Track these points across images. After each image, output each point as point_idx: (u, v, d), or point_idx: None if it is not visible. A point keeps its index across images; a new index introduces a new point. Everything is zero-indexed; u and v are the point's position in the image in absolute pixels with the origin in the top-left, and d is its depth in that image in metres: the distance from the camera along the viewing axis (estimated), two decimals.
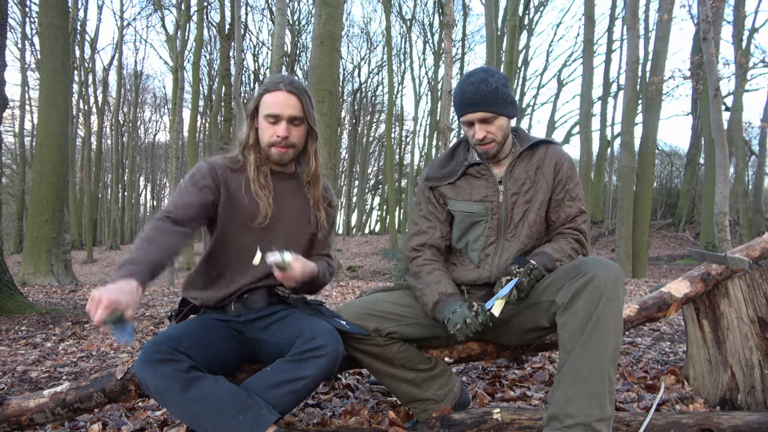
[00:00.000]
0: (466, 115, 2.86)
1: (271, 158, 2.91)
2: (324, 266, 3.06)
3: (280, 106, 2.83)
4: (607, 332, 2.37)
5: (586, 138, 29.58)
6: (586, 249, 3.04)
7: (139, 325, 6.63)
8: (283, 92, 2.84)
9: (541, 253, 2.86)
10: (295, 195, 3.01)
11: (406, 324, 2.91)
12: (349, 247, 39.55)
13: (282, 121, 2.84)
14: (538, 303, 2.71)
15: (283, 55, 19.70)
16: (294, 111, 2.85)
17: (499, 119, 2.85)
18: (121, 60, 40.62)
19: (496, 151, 2.91)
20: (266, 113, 2.85)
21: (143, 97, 56.75)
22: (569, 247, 2.93)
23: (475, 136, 2.87)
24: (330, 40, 13.26)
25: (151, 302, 9.54)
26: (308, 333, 2.55)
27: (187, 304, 2.97)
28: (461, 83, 2.86)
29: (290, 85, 2.86)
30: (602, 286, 2.40)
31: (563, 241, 2.96)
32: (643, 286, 11.62)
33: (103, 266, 33.75)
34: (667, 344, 5.15)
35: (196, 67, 31.52)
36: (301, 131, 2.91)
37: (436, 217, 3.08)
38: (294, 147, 2.91)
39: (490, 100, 2.79)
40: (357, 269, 27.85)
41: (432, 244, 3.07)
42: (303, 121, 2.89)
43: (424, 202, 3.12)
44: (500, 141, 2.89)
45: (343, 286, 12.09)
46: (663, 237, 33.75)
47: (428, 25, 44.94)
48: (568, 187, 2.99)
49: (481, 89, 2.78)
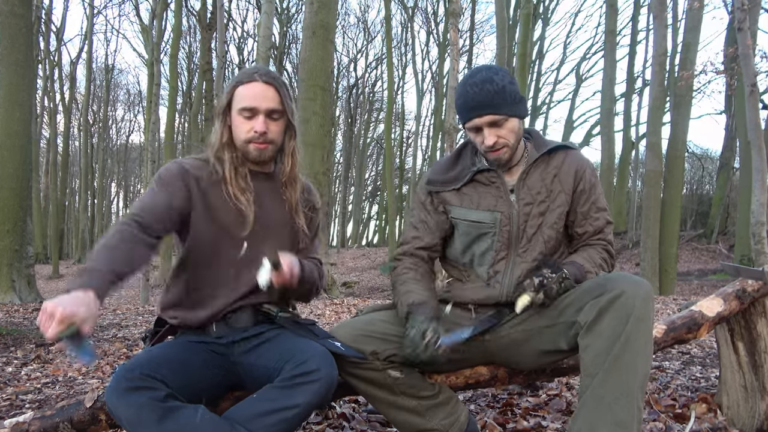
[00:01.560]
0: (473, 120, 2.84)
1: (248, 156, 2.90)
2: (311, 265, 3.05)
3: (257, 98, 2.82)
4: (636, 355, 2.36)
5: (608, 139, 29.62)
6: (614, 260, 3.06)
7: (110, 348, 6.63)
8: (260, 83, 2.84)
9: (571, 263, 2.86)
10: (275, 197, 3.01)
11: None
12: (344, 261, 39.54)
13: (259, 115, 2.83)
14: (556, 324, 2.70)
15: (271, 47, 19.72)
16: (272, 103, 2.84)
17: (510, 121, 2.83)
18: (91, 52, 40.63)
19: (508, 156, 2.90)
20: (241, 107, 2.84)
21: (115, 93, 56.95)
22: (599, 257, 2.94)
23: (485, 143, 2.85)
24: (323, 30, 13.30)
25: (123, 322, 9.53)
26: (299, 356, 2.52)
27: (163, 325, 2.94)
28: (463, 85, 2.85)
29: (266, 76, 2.87)
30: (631, 303, 2.39)
31: (593, 251, 2.97)
32: (672, 304, 11.59)
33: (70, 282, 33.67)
34: (698, 369, 5.15)
35: (173, 60, 31.45)
36: (280, 126, 2.91)
37: (426, 225, 3.09)
38: (273, 143, 2.90)
39: (498, 100, 2.77)
40: (353, 285, 27.82)
41: (412, 253, 3.10)
42: (282, 114, 2.89)
43: (417, 209, 3.13)
44: (513, 145, 2.88)
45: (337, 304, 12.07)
46: (693, 249, 33.72)
47: (432, 13, 45.08)
48: (593, 197, 2.99)
49: (486, 90, 2.77)
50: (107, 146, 55.69)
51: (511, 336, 2.89)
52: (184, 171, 2.84)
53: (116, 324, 9.27)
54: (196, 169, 2.88)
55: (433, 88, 48.52)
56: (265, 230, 2.91)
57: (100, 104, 50.12)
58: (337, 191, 55.34)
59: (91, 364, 2.49)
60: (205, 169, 2.90)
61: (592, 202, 2.98)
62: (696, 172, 54.15)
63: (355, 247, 52.49)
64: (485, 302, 2.96)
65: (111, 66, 49.69)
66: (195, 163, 2.92)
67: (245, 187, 2.88)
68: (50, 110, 41.97)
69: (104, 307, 13.01)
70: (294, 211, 3.02)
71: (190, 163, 2.91)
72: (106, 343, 7.17)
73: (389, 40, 36.32)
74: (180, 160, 2.94)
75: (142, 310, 11.83)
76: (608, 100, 29.04)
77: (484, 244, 2.98)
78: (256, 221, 2.87)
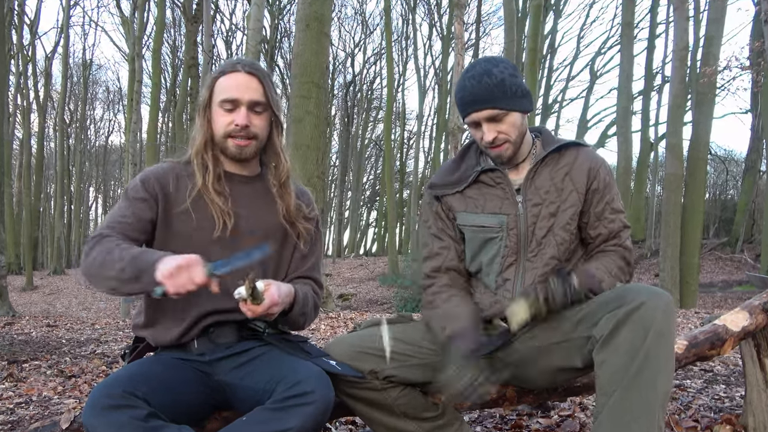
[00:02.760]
0: (471, 115, 2.85)
1: (227, 153, 2.88)
2: (307, 290, 2.98)
3: (239, 89, 2.81)
4: (656, 372, 2.34)
5: (625, 140, 29.67)
6: (633, 268, 3.03)
7: (88, 365, 6.63)
8: (242, 73, 2.83)
9: (583, 270, 2.84)
10: (260, 203, 2.97)
11: (409, 365, 2.88)
12: (341, 272, 39.54)
13: (241, 107, 2.81)
14: (570, 339, 2.69)
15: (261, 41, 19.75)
16: (255, 95, 2.83)
17: (511, 115, 2.83)
18: (67, 47, 40.60)
19: (511, 153, 2.90)
20: (222, 98, 2.82)
21: (93, 91, 57.01)
22: (614, 266, 2.91)
23: (484, 139, 2.86)
24: (317, 22, 13.29)
25: (102, 337, 9.53)
26: (292, 377, 2.50)
27: (143, 340, 2.93)
28: (461, 79, 2.86)
29: (250, 66, 2.86)
30: (650, 316, 2.37)
31: (607, 258, 2.95)
32: (693, 317, 11.60)
33: (45, 294, 33.71)
34: (722, 388, 5.14)
35: (156, 55, 31.52)
36: (264, 120, 2.89)
37: (448, 234, 3.07)
38: (256, 138, 2.87)
39: (497, 93, 2.78)
40: (350, 298, 27.84)
41: (449, 267, 3.06)
42: (266, 107, 2.87)
43: (432, 218, 3.11)
44: (515, 140, 2.88)
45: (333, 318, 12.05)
46: (716, 259, 33.74)
47: (435, 4, 45.19)
48: (608, 197, 2.97)
49: (484, 83, 2.77)
50: (85, 148, 55.75)
51: (521, 353, 2.88)
52: (146, 179, 2.84)
53: (95, 339, 9.27)
54: (164, 174, 2.88)
55: (436, 85, 48.66)
56: (243, 238, 2.87)
57: (78, 103, 50.24)
58: (332, 196, 55.26)
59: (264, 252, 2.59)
60: (177, 171, 2.90)
61: (607, 202, 2.96)
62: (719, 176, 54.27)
63: (352, 257, 52.51)
64: (495, 315, 2.95)
65: (89, 61, 49.73)
66: (166, 167, 2.92)
67: (220, 190, 2.86)
68: (24, 109, 41.97)
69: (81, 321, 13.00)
70: (290, 217, 2.98)
71: (161, 169, 2.91)
72: (83, 359, 7.17)
73: (389, 34, 36.40)
74: (148, 169, 2.93)
75: (122, 325, 11.83)
76: (625, 98, 29.09)
77: (491, 250, 2.97)
78: (235, 228, 2.85)
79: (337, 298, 25.01)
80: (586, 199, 2.95)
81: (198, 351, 2.82)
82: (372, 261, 44.52)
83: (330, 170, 52.64)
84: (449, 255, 3.05)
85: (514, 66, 2.88)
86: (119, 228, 2.69)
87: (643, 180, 36.04)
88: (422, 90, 46.97)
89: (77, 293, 33.03)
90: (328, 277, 27.73)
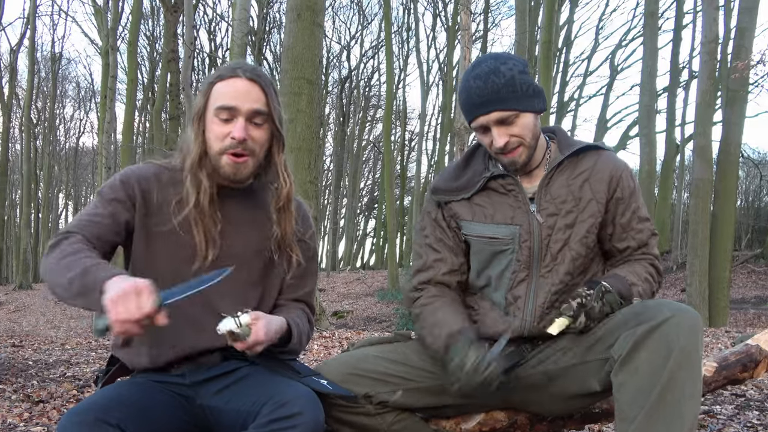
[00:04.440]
0: (478, 119, 2.83)
1: (221, 172, 2.80)
2: (298, 318, 2.94)
3: (238, 96, 2.73)
4: (681, 396, 2.34)
5: (648, 142, 29.65)
6: (662, 277, 3.04)
7: (57, 390, 6.62)
8: (242, 79, 2.76)
9: (612, 275, 2.84)
10: (249, 221, 2.93)
11: (405, 389, 2.89)
12: (335, 286, 39.46)
13: (239, 117, 2.73)
14: (586, 361, 2.69)
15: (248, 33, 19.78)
16: (256, 104, 2.75)
17: (523, 117, 2.81)
18: (34, 39, 40.67)
19: (526, 158, 2.88)
20: (218, 105, 2.74)
21: (63, 87, 57.04)
22: (645, 271, 2.92)
23: (495, 144, 2.83)
24: (310, 12, 13.29)
25: (73, 359, 9.51)
26: (279, 397, 2.49)
27: (117, 363, 2.91)
28: (465, 79, 2.85)
29: (252, 72, 2.79)
30: (674, 334, 2.37)
31: (637, 264, 2.96)
32: (723, 337, 11.59)
33: (9, 311, 33.67)
34: (755, 414, 5.14)
35: (132, 48, 31.51)
36: (264, 134, 2.81)
37: (445, 245, 3.06)
38: (253, 155, 2.79)
39: (507, 93, 2.76)
40: (345, 315, 27.79)
41: (439, 281, 3.05)
42: (267, 119, 2.80)
43: (429, 226, 3.10)
44: (530, 144, 2.86)
45: (326, 337, 12.03)
46: (749, 273, 33.68)
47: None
48: (634, 205, 2.96)
49: (492, 82, 2.75)
50: (54, 150, 55.77)
51: (534, 376, 2.86)
52: (126, 180, 2.80)
53: (64, 361, 9.25)
54: (149, 178, 2.84)
55: (440, 82, 48.72)
56: (229, 262, 2.78)
57: (46, 100, 50.31)
58: (326, 203, 55.35)
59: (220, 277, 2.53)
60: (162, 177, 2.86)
61: (633, 211, 2.95)
62: (752, 181, 54.24)
63: (347, 270, 52.43)
64: (501, 334, 2.92)
65: (58, 55, 49.83)
66: (152, 170, 2.88)
67: (210, 213, 2.79)
68: None
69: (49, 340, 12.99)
70: (285, 242, 2.93)
71: (146, 170, 2.87)
72: (52, 383, 7.16)
73: (388, 24, 36.41)
74: (129, 168, 2.89)
75: (95, 345, 11.79)
76: (648, 96, 29.06)
77: (500, 264, 2.95)
78: (222, 252, 2.82)
79: (332, 316, 24.99)
80: (607, 209, 2.93)
81: (178, 372, 2.80)
82: (370, 275, 44.44)
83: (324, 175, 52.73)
84: (442, 268, 3.04)
85: (524, 62, 2.87)
86: (89, 228, 2.65)
87: (668, 186, 36.04)
88: (425, 86, 47.03)
89: (45, 310, 32.97)
90: (322, 292, 27.74)
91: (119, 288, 2.24)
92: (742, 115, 21.36)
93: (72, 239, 2.58)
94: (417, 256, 3.13)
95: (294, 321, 2.86)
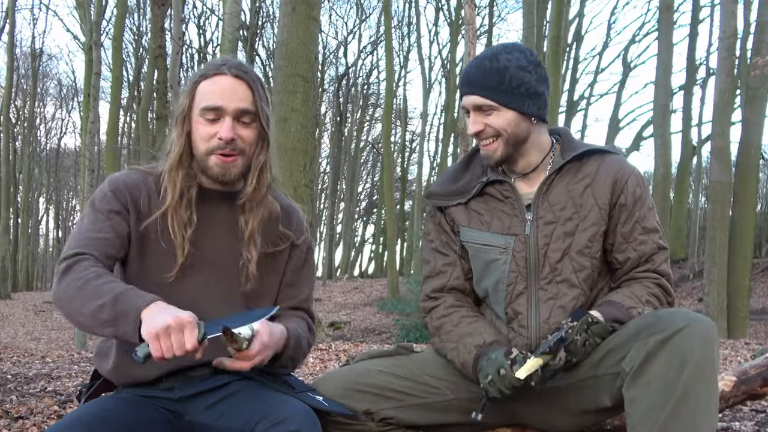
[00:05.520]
0: (462, 98, 2.88)
1: (209, 174, 2.81)
2: (300, 329, 2.92)
3: (224, 95, 2.73)
4: (696, 411, 2.33)
5: (663, 143, 29.66)
6: (672, 296, 2.96)
7: (38, 405, 6.62)
8: (228, 77, 2.76)
9: (606, 303, 2.82)
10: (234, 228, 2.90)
11: (410, 405, 2.89)
12: (332, 296, 39.44)
13: (226, 117, 2.73)
14: (596, 376, 2.68)
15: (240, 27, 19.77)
16: (242, 103, 2.75)
17: (503, 112, 2.82)
18: (13, 34, 40.62)
19: (500, 156, 2.88)
20: (204, 105, 2.74)
21: (44, 85, 56.96)
22: (646, 292, 2.85)
23: (469, 129, 2.87)
24: (305, 5, 13.29)
25: (54, 372, 9.50)
26: (274, 415, 2.46)
27: (101, 377, 2.89)
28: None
29: (237, 69, 2.79)
30: (688, 345, 2.35)
31: (637, 285, 2.90)
32: (743, 349, 11.57)
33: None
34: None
35: (117, 43, 31.43)
36: (252, 133, 2.82)
37: (453, 249, 3.06)
38: (243, 155, 2.80)
39: (491, 82, 2.78)
40: (342, 326, 27.79)
41: (453, 286, 3.05)
42: (254, 118, 2.80)
43: (434, 230, 3.10)
44: (508, 140, 2.86)
45: (323, 350, 12.01)
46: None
47: None
48: (638, 214, 2.91)
49: (483, 66, 2.79)
50: (34, 151, 55.71)
51: (542, 392, 2.83)
52: (115, 188, 2.79)
53: (45, 375, 9.23)
54: (136, 185, 2.84)
55: (443, 79, 48.66)
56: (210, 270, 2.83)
57: (25, 99, 50.26)
58: (322, 208, 55.23)
59: None
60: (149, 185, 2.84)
61: (637, 220, 2.90)
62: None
63: (345, 279, 52.39)
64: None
65: (39, 51, 49.75)
66: (136, 177, 2.87)
67: (186, 220, 2.78)
68: None
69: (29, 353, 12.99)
70: (247, 243, 2.87)
71: (132, 177, 2.86)
72: (32, 398, 7.16)
73: (388, 18, 36.42)
74: (116, 176, 2.88)
75: (77, 358, 11.77)
76: (663, 94, 29.09)
77: (493, 275, 2.95)
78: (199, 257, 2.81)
79: (328, 327, 24.96)
80: (611, 216, 2.91)
81: (166, 386, 2.78)
82: (368, 283, 44.39)
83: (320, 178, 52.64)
84: (454, 273, 3.04)
85: (534, 61, 2.86)
86: (97, 245, 2.63)
87: (684, 189, 36.03)
88: (427, 84, 46.99)
89: (25, 321, 32.94)
90: (318, 302, 27.69)
91: (162, 321, 2.24)
92: (762, 114, 21.34)
93: (86, 262, 2.55)
94: (425, 262, 3.14)
95: (293, 328, 2.84)
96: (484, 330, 2.87)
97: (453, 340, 2.90)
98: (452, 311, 2.98)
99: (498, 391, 2.62)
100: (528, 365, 2.58)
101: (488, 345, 2.78)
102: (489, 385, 2.63)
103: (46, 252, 65.26)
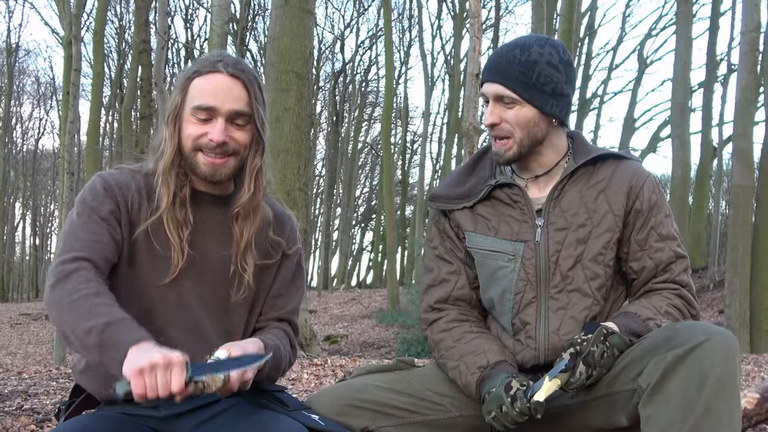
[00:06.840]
0: (484, 85, 2.87)
1: (197, 172, 2.80)
2: (277, 340, 2.91)
3: (218, 95, 2.72)
4: (718, 429, 2.32)
5: (682, 144, 29.63)
6: (695, 308, 2.95)
7: (14, 424, 6.62)
8: (224, 75, 2.74)
9: (623, 314, 2.82)
10: (226, 232, 2.90)
11: (412, 423, 2.88)
12: (328, 308, 39.40)
13: (218, 118, 2.72)
14: (611, 394, 2.67)
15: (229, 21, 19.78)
16: (237, 104, 2.74)
17: (523, 107, 2.82)
18: None
19: (512, 155, 2.89)
20: (196, 104, 2.73)
21: (21, 83, 56.94)
22: (666, 303, 2.85)
23: (485, 119, 2.87)
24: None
25: (32, 389, 9.49)
26: None
27: (82, 393, 2.88)
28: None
29: (234, 67, 2.77)
30: (708, 360, 2.35)
31: (656, 296, 2.89)
32: (766, 364, 11.57)
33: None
34: None
35: (99, 38, 31.35)
36: (246, 136, 2.81)
37: (457, 256, 3.06)
38: (236, 155, 2.80)
39: (517, 73, 2.78)
40: (339, 340, 27.76)
41: (458, 297, 3.05)
42: (249, 120, 2.80)
43: (437, 236, 3.10)
44: (521, 141, 2.86)
45: (318, 364, 11.98)
46: None
47: None
48: (654, 221, 2.92)
49: (512, 55, 2.80)
50: (9, 153, 55.69)
51: (553, 410, 2.81)
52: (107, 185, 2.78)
53: (21, 392, 9.22)
54: (126, 183, 2.82)
55: (446, 76, 48.57)
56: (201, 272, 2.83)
57: (1, 97, 50.18)
58: (318, 214, 55.30)
59: None
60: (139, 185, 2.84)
61: (652, 226, 2.91)
62: None
63: (342, 289, 52.24)
64: (519, 365, 2.92)
65: (15, 46, 49.79)
66: (125, 176, 2.86)
67: (182, 221, 2.78)
68: None
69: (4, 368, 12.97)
70: (243, 253, 2.87)
71: (118, 178, 2.84)
72: (8, 417, 7.16)
73: (388, 11, 36.38)
74: (105, 174, 2.86)
75: (56, 374, 11.74)
76: (682, 92, 29.07)
77: (500, 283, 2.95)
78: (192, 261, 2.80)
79: (324, 341, 24.95)
80: (626, 223, 2.91)
81: (151, 404, 2.77)
82: (367, 294, 44.29)
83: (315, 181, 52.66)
84: (459, 282, 3.04)
85: (566, 60, 2.88)
86: (96, 249, 2.63)
87: (704, 193, 35.93)
88: (429, 81, 46.90)
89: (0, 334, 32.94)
90: (313, 314, 27.66)
91: (148, 358, 2.21)
92: None
93: (84, 271, 2.54)
94: (427, 270, 3.13)
95: (273, 344, 2.82)
96: (488, 348, 2.87)
97: (454, 357, 2.90)
98: (454, 326, 2.98)
99: (503, 426, 2.63)
100: (546, 387, 2.57)
101: (492, 367, 2.79)
102: (493, 421, 2.65)
103: (22, 260, 65.09)
